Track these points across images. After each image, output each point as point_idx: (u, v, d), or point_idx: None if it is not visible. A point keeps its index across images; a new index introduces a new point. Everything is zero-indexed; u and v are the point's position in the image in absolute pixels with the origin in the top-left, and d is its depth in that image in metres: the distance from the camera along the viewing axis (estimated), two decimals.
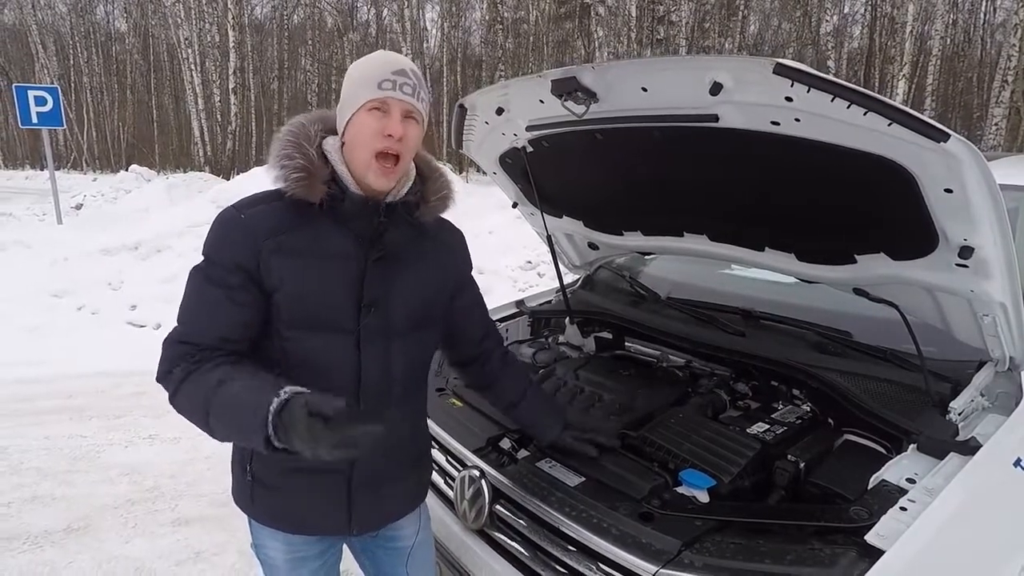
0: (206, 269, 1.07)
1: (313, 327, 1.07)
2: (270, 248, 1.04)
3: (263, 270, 1.05)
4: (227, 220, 1.07)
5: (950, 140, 0.96)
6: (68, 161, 26.20)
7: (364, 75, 1.06)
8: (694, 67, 1.18)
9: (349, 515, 1.15)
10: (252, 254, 1.04)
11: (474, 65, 25.95)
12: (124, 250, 6.07)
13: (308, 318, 1.07)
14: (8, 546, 2.41)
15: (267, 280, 1.05)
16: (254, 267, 1.04)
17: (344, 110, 1.09)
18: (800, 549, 1.06)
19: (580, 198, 1.97)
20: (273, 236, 1.05)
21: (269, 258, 1.04)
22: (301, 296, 1.06)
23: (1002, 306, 1.21)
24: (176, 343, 1.06)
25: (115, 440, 3.31)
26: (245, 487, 1.17)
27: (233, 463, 1.21)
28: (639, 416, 1.53)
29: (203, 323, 1.06)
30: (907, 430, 1.28)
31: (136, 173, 11.95)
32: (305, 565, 1.20)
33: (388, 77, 1.05)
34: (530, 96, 1.52)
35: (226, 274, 1.05)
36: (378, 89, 1.04)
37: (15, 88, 8.17)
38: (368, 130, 1.05)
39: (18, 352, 4.53)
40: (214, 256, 1.06)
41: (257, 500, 1.16)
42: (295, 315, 1.07)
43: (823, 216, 1.39)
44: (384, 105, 1.05)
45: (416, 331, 1.16)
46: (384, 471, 1.18)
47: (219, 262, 1.06)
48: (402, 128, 1.05)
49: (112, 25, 29.22)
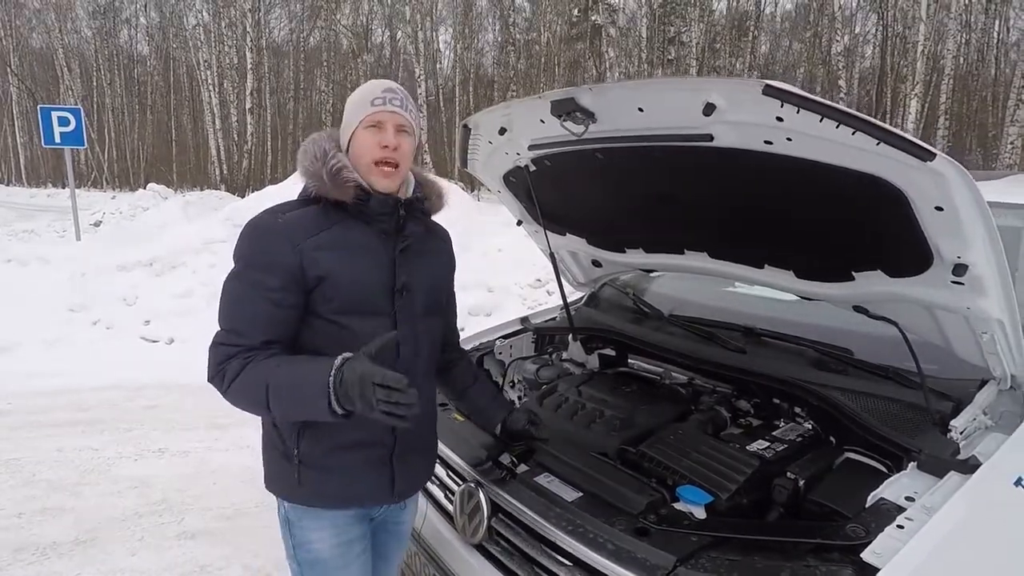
0: (245, 274, 1.15)
1: (359, 311, 1.19)
2: (312, 245, 1.15)
3: (307, 265, 1.14)
4: (264, 225, 1.17)
5: (936, 159, 0.98)
6: (89, 179, 26.80)
7: (359, 98, 1.23)
8: (687, 88, 1.21)
9: (392, 484, 1.27)
10: (294, 253, 1.13)
11: (486, 85, 26.31)
12: (139, 266, 6.18)
13: (355, 303, 1.19)
14: (17, 556, 2.44)
15: (311, 273, 1.14)
16: (296, 265, 1.14)
17: (346, 129, 1.24)
18: (796, 566, 1.05)
19: (582, 216, 1.99)
20: (312, 235, 1.16)
21: (313, 253, 1.14)
22: (348, 283, 1.17)
23: (999, 323, 1.21)
24: (222, 346, 1.14)
25: (125, 453, 3.35)
26: (289, 472, 1.22)
27: (270, 452, 1.26)
28: (639, 432, 1.54)
29: (247, 327, 1.14)
30: (907, 448, 1.28)
31: (154, 191, 12.17)
32: (351, 549, 1.27)
33: (379, 95, 1.21)
34: (531, 116, 1.55)
35: (266, 277, 1.13)
36: (371, 106, 1.20)
37: (40, 109, 8.40)
38: (367, 143, 1.20)
39: (36, 364, 4.63)
40: (253, 260, 1.15)
41: (305, 482, 1.22)
42: (344, 300, 1.17)
43: (820, 234, 1.40)
44: (379, 122, 1.20)
45: (431, 316, 1.32)
46: (415, 443, 1.30)
47: (259, 266, 1.14)
48: (396, 140, 1.20)
49: (135, 48, 30.05)
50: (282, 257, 1.13)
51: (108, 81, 28.40)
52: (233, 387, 1.12)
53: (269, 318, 1.14)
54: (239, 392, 1.12)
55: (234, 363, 1.11)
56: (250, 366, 1.11)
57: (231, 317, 1.16)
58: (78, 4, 27.12)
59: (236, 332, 1.14)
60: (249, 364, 1.11)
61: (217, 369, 1.13)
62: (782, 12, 24.96)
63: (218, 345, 1.14)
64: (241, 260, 1.17)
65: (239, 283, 1.16)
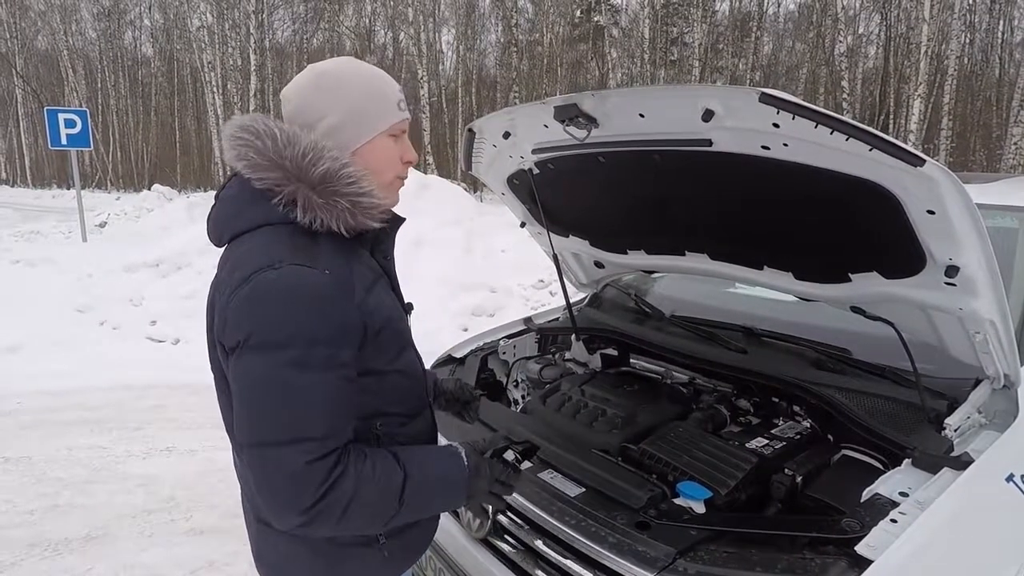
0: (310, 356, 0.84)
1: (406, 348, 1.03)
2: (362, 294, 0.92)
3: (367, 319, 0.91)
4: (314, 284, 0.86)
5: (926, 165, 1.01)
6: (93, 180, 26.94)
7: (380, 93, 0.98)
8: (686, 95, 1.25)
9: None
10: (356, 310, 0.90)
11: (489, 86, 26.36)
12: (145, 267, 6.23)
13: (405, 342, 1.03)
14: (30, 552, 2.48)
15: (371, 327, 0.92)
16: (360, 325, 0.90)
17: (356, 131, 0.96)
18: (791, 558, 1.09)
19: (585, 218, 2.03)
20: (356, 279, 0.92)
21: (366, 303, 0.92)
22: (398, 323, 0.99)
23: (991, 323, 1.24)
24: (316, 462, 0.83)
25: (134, 451, 3.40)
26: (371, 556, 1.02)
27: (314, 554, 1.00)
28: (640, 430, 1.57)
29: (338, 423, 0.87)
30: (903, 446, 1.31)
31: (158, 192, 12.25)
32: None
33: (400, 97, 1.01)
34: (534, 121, 1.59)
35: (340, 352, 0.87)
36: (399, 111, 0.99)
37: (46, 111, 8.48)
38: (391, 156, 1.00)
39: (44, 365, 4.68)
40: (316, 336, 0.84)
41: (393, 556, 1.05)
42: (399, 344, 1.00)
43: (817, 236, 1.43)
44: (403, 131, 1.02)
45: None
46: None
47: (330, 340, 0.86)
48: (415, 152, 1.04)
49: (139, 50, 30.20)
50: (350, 321, 0.88)
51: (112, 83, 28.54)
52: (353, 508, 0.85)
53: (350, 404, 0.89)
54: (361, 511, 0.86)
55: (343, 486, 0.84)
56: (364, 477, 0.86)
57: (310, 420, 0.83)
58: (83, 6, 27.27)
59: (327, 437, 0.84)
60: (359, 473, 0.86)
61: (321, 493, 0.82)
62: (785, 12, 24.97)
63: (311, 464, 0.82)
64: (292, 340, 0.83)
65: (308, 372, 0.83)
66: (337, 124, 0.94)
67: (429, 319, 4.92)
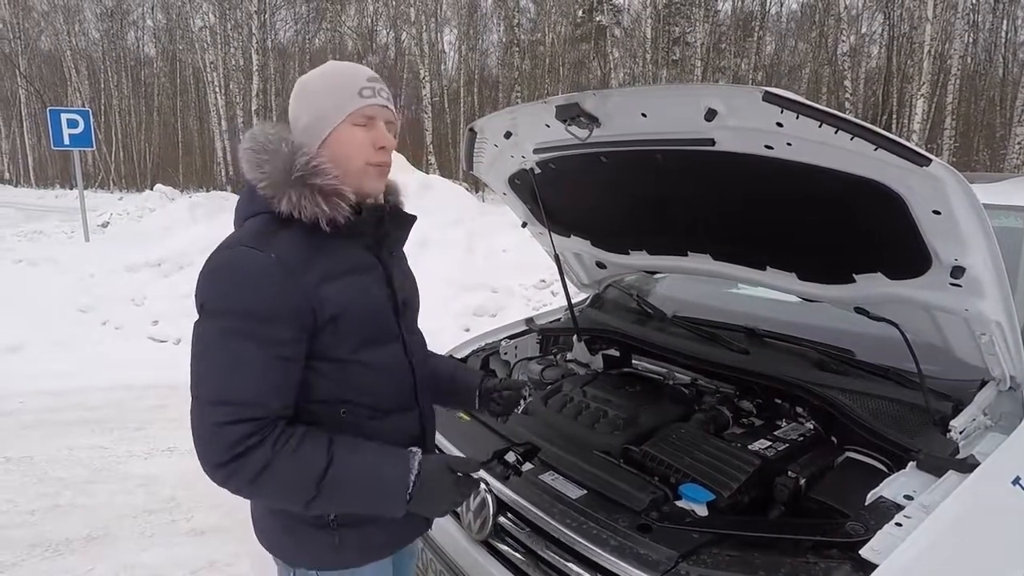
0: (241, 328, 0.92)
1: (377, 341, 1.06)
2: (315, 280, 0.96)
3: (316, 305, 0.96)
4: (258, 265, 0.93)
5: (932, 164, 1.00)
6: (96, 180, 27.01)
7: (337, 85, 1.03)
8: (689, 95, 1.23)
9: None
10: (303, 295, 0.95)
11: (491, 86, 26.35)
12: (147, 267, 6.24)
13: (373, 334, 1.05)
14: (31, 552, 2.48)
15: (322, 314, 0.97)
16: (308, 309, 0.95)
17: (320, 124, 1.02)
18: (795, 562, 1.08)
19: (587, 218, 2.02)
20: (312, 267, 0.97)
21: (319, 291, 0.96)
22: (362, 315, 1.02)
23: (997, 324, 1.22)
24: (231, 425, 0.90)
25: (135, 451, 3.40)
26: (323, 539, 1.06)
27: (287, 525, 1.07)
28: (642, 431, 1.56)
29: (259, 395, 0.92)
30: (907, 448, 1.29)
31: (160, 192, 12.25)
32: None
33: (365, 84, 1.03)
34: (536, 121, 1.58)
35: (276, 329, 0.93)
36: (360, 97, 1.02)
37: (49, 111, 8.49)
38: (356, 142, 1.03)
39: (47, 364, 4.68)
40: (250, 310, 0.92)
41: (346, 544, 1.07)
42: (362, 336, 1.03)
43: (821, 237, 1.42)
44: (370, 118, 1.03)
45: (417, 321, 1.23)
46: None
47: (259, 316, 0.92)
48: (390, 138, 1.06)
49: (142, 51, 30.26)
50: (295, 302, 0.94)
51: (115, 83, 28.61)
52: (264, 478, 0.90)
53: (284, 380, 0.95)
54: (273, 484, 0.92)
55: (256, 453, 0.90)
56: (283, 454, 0.91)
57: (234, 386, 0.91)
58: (86, 7, 27.33)
59: (246, 404, 0.91)
60: (281, 452, 0.91)
61: (231, 455, 0.89)
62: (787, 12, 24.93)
63: (223, 425, 0.89)
64: (230, 311, 0.92)
65: (236, 341, 0.91)
66: (308, 122, 1.04)
67: (431, 319, 4.88)
